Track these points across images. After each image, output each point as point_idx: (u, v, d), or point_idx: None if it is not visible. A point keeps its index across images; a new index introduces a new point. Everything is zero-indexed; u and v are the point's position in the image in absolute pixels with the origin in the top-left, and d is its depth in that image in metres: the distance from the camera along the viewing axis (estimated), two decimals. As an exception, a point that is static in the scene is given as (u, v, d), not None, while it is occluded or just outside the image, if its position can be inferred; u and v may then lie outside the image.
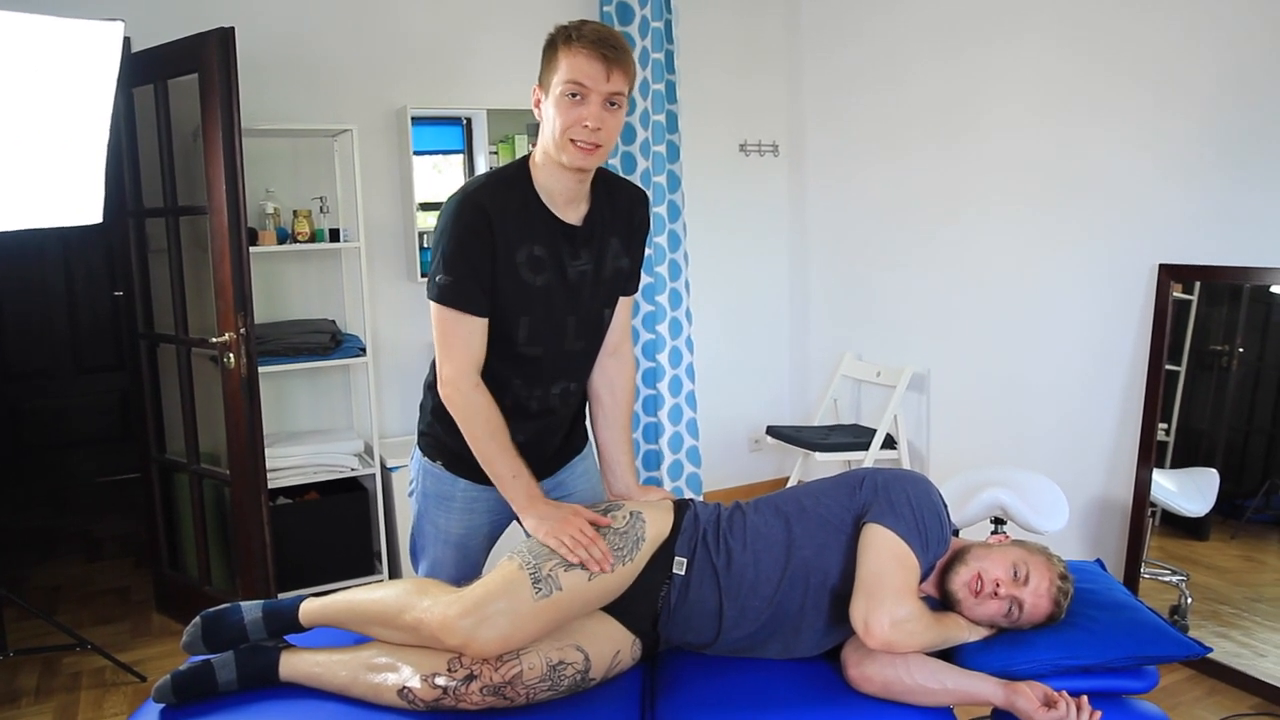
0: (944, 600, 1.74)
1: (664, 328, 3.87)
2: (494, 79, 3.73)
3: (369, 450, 3.49)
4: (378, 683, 1.60)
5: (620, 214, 1.82)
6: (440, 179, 3.74)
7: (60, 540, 4.20)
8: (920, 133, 3.68)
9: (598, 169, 1.75)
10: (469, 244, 1.65)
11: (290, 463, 3.26)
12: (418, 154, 3.58)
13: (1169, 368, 2.86)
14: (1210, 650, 1.72)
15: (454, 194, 1.69)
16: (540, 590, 1.58)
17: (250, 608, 1.73)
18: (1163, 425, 2.88)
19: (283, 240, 3.29)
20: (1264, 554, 2.70)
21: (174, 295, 3.07)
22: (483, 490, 1.86)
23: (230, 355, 2.87)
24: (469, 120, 3.75)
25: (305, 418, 3.57)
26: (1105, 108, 2.98)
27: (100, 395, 4.98)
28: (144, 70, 2.97)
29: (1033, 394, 3.32)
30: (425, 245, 3.56)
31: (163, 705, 1.63)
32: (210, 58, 2.78)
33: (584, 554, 1.62)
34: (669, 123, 3.87)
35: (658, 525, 1.74)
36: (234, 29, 2.78)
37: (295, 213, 3.31)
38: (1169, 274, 2.84)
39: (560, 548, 1.63)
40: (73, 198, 2.21)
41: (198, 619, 1.72)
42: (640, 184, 3.62)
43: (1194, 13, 2.71)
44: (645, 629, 1.72)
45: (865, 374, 3.98)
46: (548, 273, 1.72)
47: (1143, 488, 2.90)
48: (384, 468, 3.43)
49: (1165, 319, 2.84)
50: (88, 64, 2.12)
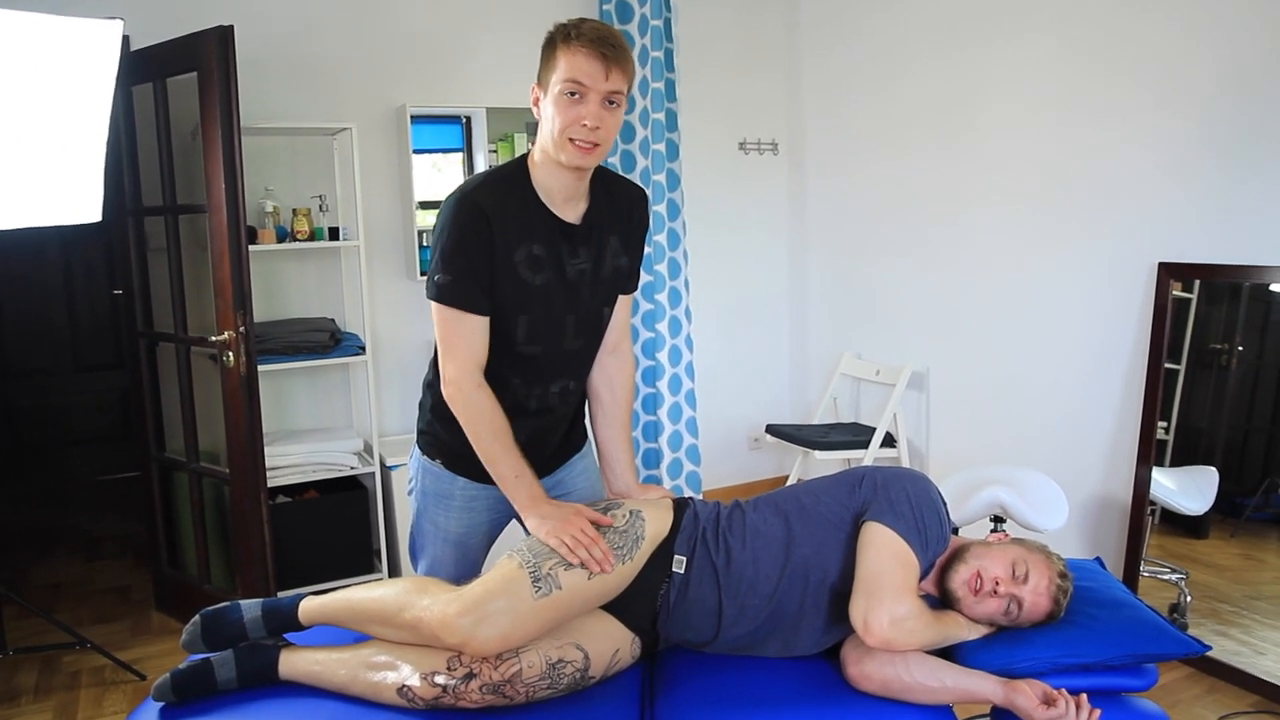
0: (943, 598, 1.74)
1: (663, 326, 3.87)
2: (493, 77, 3.73)
3: (368, 449, 3.49)
4: (377, 681, 1.60)
5: (619, 212, 1.82)
6: (440, 177, 3.74)
7: (60, 539, 4.20)
8: (920, 131, 3.68)
9: (597, 167, 1.75)
10: (468, 243, 1.65)
11: (289, 461, 3.27)
12: (417, 152, 3.58)
13: (1168, 366, 2.86)
14: (1209, 648, 1.72)
15: (452, 193, 1.69)
16: (540, 589, 1.58)
17: (249, 606, 1.73)
18: (1162, 423, 2.88)
19: (282, 239, 3.29)
20: (1263, 552, 2.70)
21: (173, 294, 3.07)
22: (482, 489, 1.86)
23: (230, 354, 2.87)
24: (468, 119, 3.74)
25: (304, 416, 3.58)
26: (1105, 106, 2.98)
27: (100, 394, 4.98)
28: (143, 69, 2.97)
29: (1032, 392, 3.32)
30: (425, 244, 3.56)
31: (162, 704, 1.64)
32: (209, 56, 2.78)
33: (584, 554, 1.62)
34: (668, 121, 3.87)
35: (657, 524, 1.74)
36: (233, 27, 2.78)
37: (294, 211, 3.32)
38: (1168, 272, 2.84)
39: (560, 547, 1.63)
40: (72, 196, 2.21)
41: (197, 618, 1.72)
42: (639, 182, 3.61)
43: (1193, 12, 2.71)
44: (644, 627, 1.72)
45: (865, 372, 3.98)
46: (546, 271, 1.71)
47: (1142, 486, 2.90)
48: (383, 466, 3.43)
49: (1165, 317, 2.84)
50: (87, 62, 2.11)
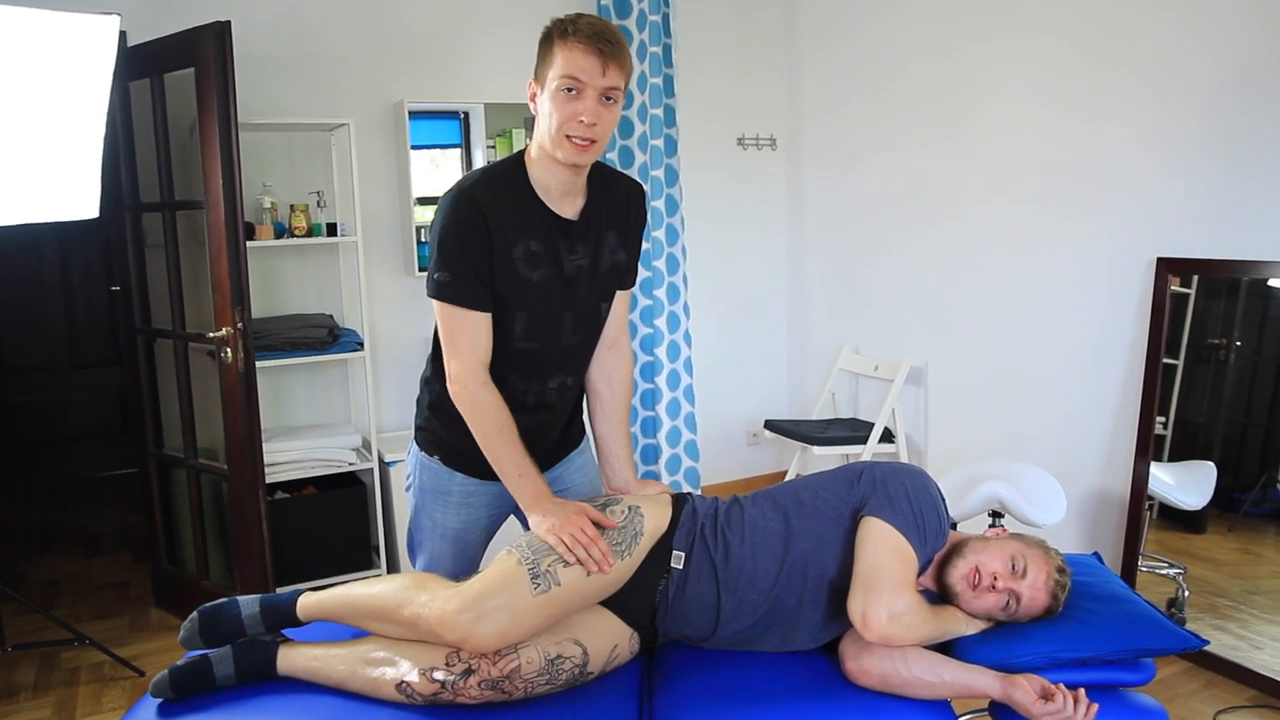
0: (942, 593, 1.74)
1: (662, 322, 3.87)
2: (492, 73, 3.72)
3: (367, 445, 3.49)
4: (375, 677, 1.60)
5: (617, 208, 1.81)
6: (438, 173, 3.73)
7: (58, 535, 4.20)
8: (919, 126, 3.68)
9: (594, 162, 1.74)
10: (466, 240, 1.64)
11: (288, 457, 3.27)
12: (415, 148, 3.58)
13: (1167, 361, 2.86)
14: (1207, 643, 1.72)
15: (449, 190, 1.68)
16: (539, 586, 1.58)
17: (248, 602, 1.73)
18: (1160, 418, 2.89)
19: (280, 235, 3.28)
20: (1261, 547, 2.71)
21: (171, 290, 3.07)
22: (480, 484, 1.86)
23: (228, 350, 2.87)
24: (466, 114, 3.74)
25: (303, 412, 3.57)
26: (1103, 101, 2.97)
27: (98, 390, 4.98)
28: (140, 64, 2.96)
29: (1030, 387, 3.32)
30: (423, 239, 3.55)
31: (160, 700, 1.64)
32: (207, 52, 2.77)
33: (582, 554, 1.62)
34: (667, 117, 3.86)
35: (656, 520, 1.74)
36: (230, 23, 2.77)
37: (292, 207, 3.31)
38: (1167, 267, 2.84)
39: (559, 545, 1.63)
40: (69, 192, 2.21)
41: (195, 614, 1.72)
42: (638, 178, 3.61)
43: (1192, 7, 2.71)
44: (643, 623, 1.72)
45: (863, 368, 3.98)
46: (544, 268, 1.71)
47: (1140, 481, 2.91)
48: (382, 462, 3.43)
49: (1163, 312, 2.84)
50: (84, 58, 2.11)
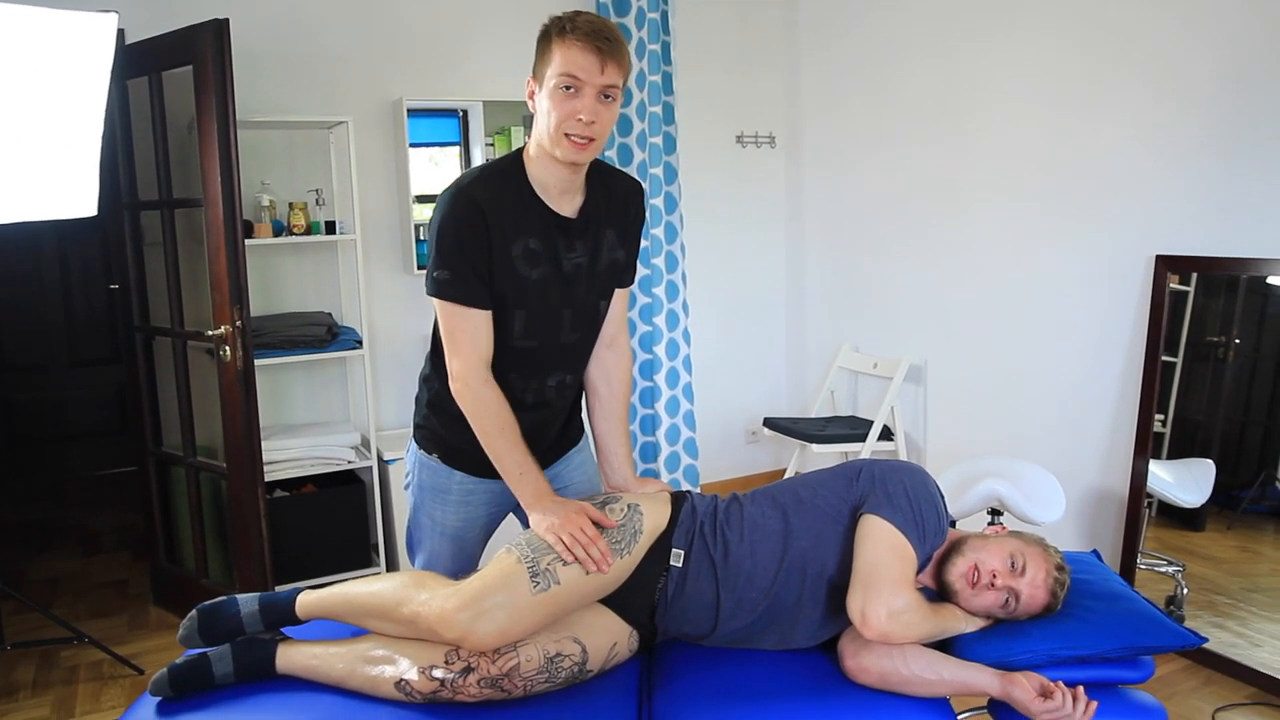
0: (941, 591, 1.74)
1: (661, 320, 3.87)
2: (490, 71, 3.72)
3: (366, 443, 3.49)
4: (375, 675, 1.60)
5: (616, 206, 1.81)
6: (437, 171, 3.73)
7: (57, 534, 4.20)
8: (918, 125, 3.68)
9: (593, 160, 1.74)
10: (465, 238, 1.64)
11: (287, 455, 3.26)
12: (414, 146, 3.57)
13: (1165, 359, 2.86)
14: (1206, 640, 1.73)
15: (447, 187, 1.68)
16: (538, 584, 1.58)
17: (246, 600, 1.73)
18: (1159, 416, 2.89)
19: (278, 233, 3.28)
20: (1259, 544, 2.71)
21: (169, 288, 3.06)
22: (479, 482, 1.86)
23: (226, 348, 2.87)
24: (465, 112, 3.74)
25: (302, 410, 3.57)
26: (1102, 99, 2.97)
27: (96, 388, 4.98)
28: (138, 62, 2.96)
29: (1029, 385, 3.32)
30: (421, 237, 3.55)
31: (159, 698, 1.63)
32: (205, 49, 2.77)
33: (581, 553, 1.62)
34: (665, 114, 3.86)
35: (655, 518, 1.74)
36: (228, 20, 2.76)
37: (291, 205, 3.31)
38: (1166, 265, 2.83)
39: (558, 544, 1.63)
40: (67, 190, 2.20)
41: (194, 612, 1.72)
42: (637, 175, 3.61)
43: (1192, 7, 2.70)
44: (642, 621, 1.72)
45: (862, 365, 3.98)
46: (543, 266, 1.71)
47: (1139, 479, 2.91)
48: (381, 460, 3.43)
49: (1162, 310, 2.84)
50: (81, 56, 2.11)
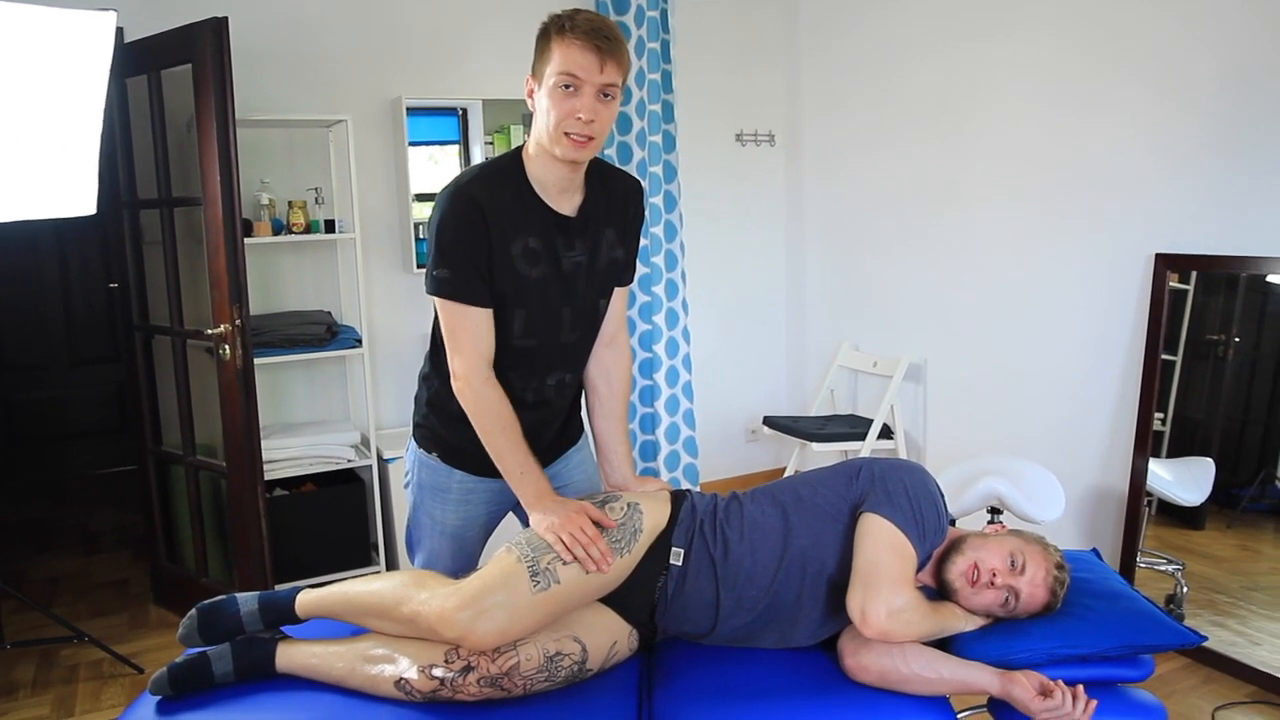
0: (941, 590, 1.74)
1: (660, 318, 3.87)
2: (490, 69, 3.71)
3: (365, 441, 3.49)
4: (375, 674, 1.60)
5: (615, 204, 1.81)
6: (436, 170, 3.73)
7: (57, 533, 4.20)
8: (918, 123, 3.67)
9: (592, 159, 1.74)
10: (464, 236, 1.64)
11: (286, 454, 3.26)
12: (413, 145, 3.57)
13: (1165, 357, 2.86)
14: (1205, 639, 1.72)
15: (446, 186, 1.68)
16: (538, 583, 1.58)
17: (246, 599, 1.73)
18: (1159, 415, 2.89)
19: (278, 231, 3.28)
20: (1259, 543, 2.71)
21: (169, 287, 3.06)
22: (479, 481, 1.85)
23: (226, 347, 2.87)
24: (464, 111, 3.73)
25: (301, 409, 3.57)
26: (1102, 98, 2.97)
27: (96, 387, 4.97)
28: (137, 60, 2.96)
29: (1029, 384, 3.32)
30: (421, 236, 3.55)
31: (159, 697, 1.63)
32: (204, 48, 2.76)
33: (581, 553, 1.62)
34: (665, 113, 3.86)
35: (655, 516, 1.74)
36: (227, 19, 2.76)
37: (290, 204, 3.31)
38: (1165, 263, 2.83)
39: (557, 544, 1.63)
40: (66, 189, 2.21)
41: (194, 611, 1.72)
42: (636, 174, 3.61)
43: (1191, 6, 2.70)
44: (642, 620, 1.72)
45: (862, 364, 3.98)
46: (543, 264, 1.70)
47: (1139, 477, 2.91)
48: (380, 459, 3.42)
49: (1161, 308, 2.84)
50: (80, 54, 2.11)
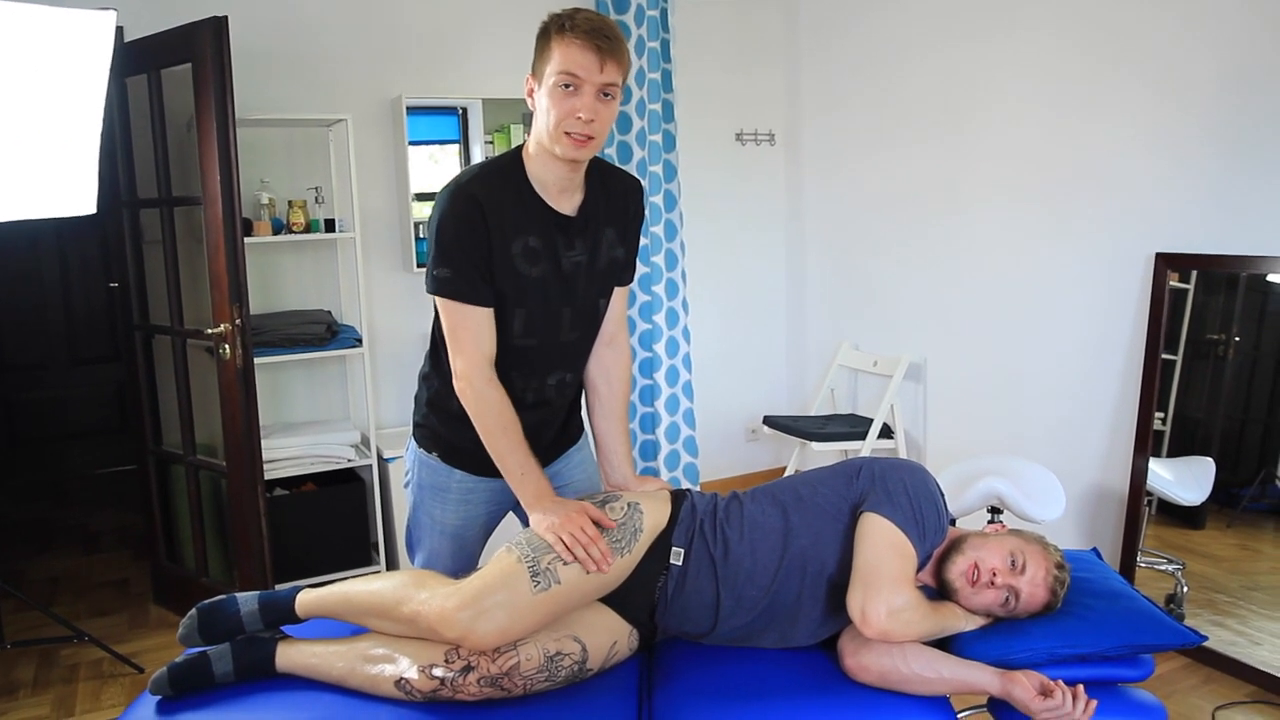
0: (941, 589, 1.74)
1: (660, 318, 3.87)
2: (490, 68, 3.71)
3: (365, 441, 3.49)
4: (375, 674, 1.60)
5: (615, 204, 1.81)
6: (436, 169, 3.73)
7: (57, 532, 4.20)
8: (918, 123, 3.67)
9: (592, 158, 1.74)
10: (464, 235, 1.64)
11: (287, 454, 3.26)
12: (413, 144, 3.57)
13: (1165, 357, 2.86)
14: (1205, 639, 1.72)
15: (446, 185, 1.68)
16: (539, 583, 1.58)
17: (246, 599, 1.73)
18: (1159, 414, 2.89)
19: (278, 231, 3.28)
20: (1259, 543, 2.71)
21: (169, 286, 3.06)
22: (479, 481, 1.85)
23: (226, 346, 2.87)
24: (464, 110, 3.73)
25: (301, 409, 3.57)
26: (1102, 98, 2.97)
27: (96, 387, 4.97)
28: (137, 60, 2.96)
29: (1029, 383, 3.32)
30: (421, 235, 3.55)
31: (159, 697, 1.63)
32: (204, 47, 2.76)
33: (581, 553, 1.62)
34: (665, 112, 3.85)
35: (655, 516, 1.74)
36: (227, 18, 2.76)
37: (290, 203, 3.30)
38: (1165, 263, 2.83)
39: (558, 544, 1.63)
40: (66, 188, 2.20)
41: (194, 611, 1.72)
42: (636, 173, 3.61)
43: (1191, 6, 2.70)
44: (642, 619, 1.72)
45: (862, 363, 3.98)
46: (543, 264, 1.70)
47: (1139, 476, 2.91)
48: (380, 458, 3.42)
49: (1162, 308, 2.84)
50: (80, 54, 2.10)
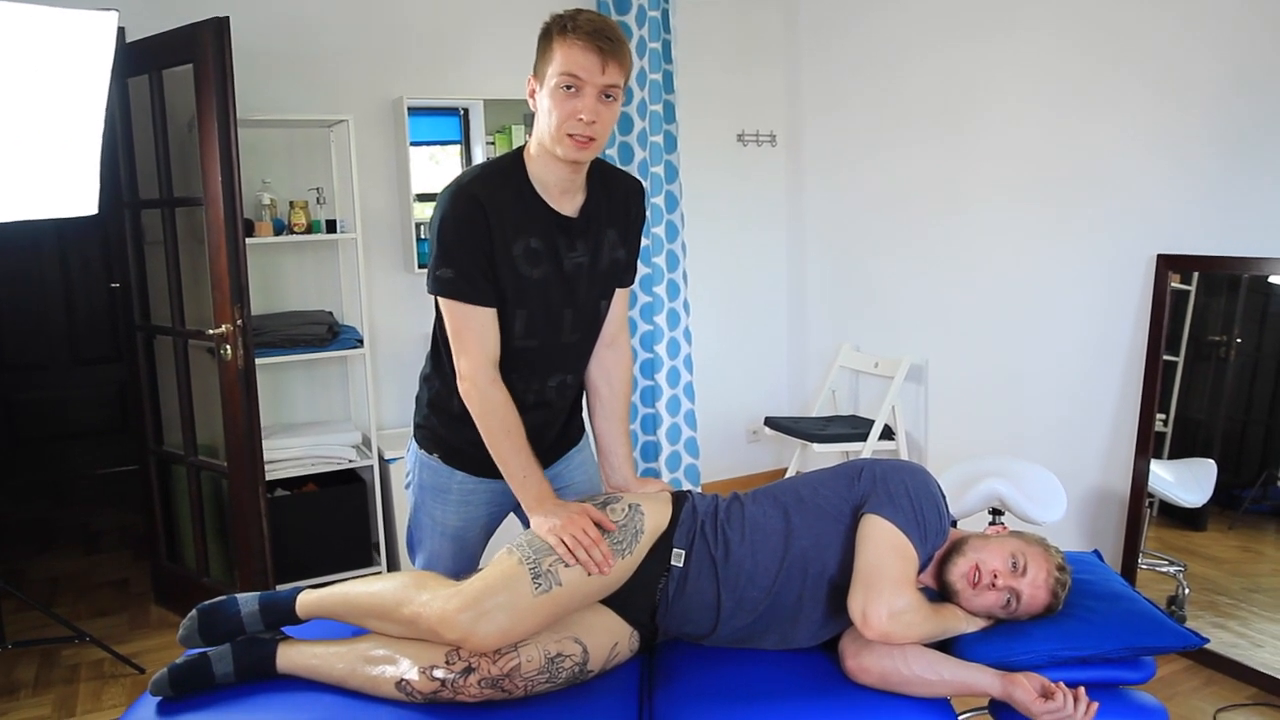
0: (942, 591, 1.74)
1: (662, 319, 3.87)
2: (491, 69, 3.72)
3: (366, 442, 3.49)
4: (375, 675, 1.60)
5: (617, 205, 1.81)
6: (437, 170, 3.73)
7: (59, 533, 4.20)
8: (919, 123, 3.67)
9: (594, 159, 1.74)
10: (466, 235, 1.64)
11: (288, 454, 3.26)
12: (414, 145, 3.57)
13: (1167, 358, 2.86)
14: (1207, 641, 1.72)
15: (448, 185, 1.67)
16: (540, 585, 1.58)
17: (246, 600, 1.73)
18: (1160, 416, 2.88)
19: (279, 231, 3.28)
20: (1261, 544, 2.70)
21: (170, 287, 3.06)
22: (479, 482, 1.85)
23: (227, 347, 2.87)
24: (466, 111, 3.73)
25: (302, 409, 3.57)
26: (1103, 99, 2.97)
27: (97, 387, 4.98)
28: (138, 60, 2.96)
29: (1031, 385, 3.32)
30: (422, 236, 3.55)
31: (160, 698, 1.63)
32: (205, 48, 2.76)
33: (583, 555, 1.62)
34: (666, 113, 3.86)
35: (656, 517, 1.74)
36: (229, 18, 2.76)
37: (291, 204, 3.30)
38: (1167, 264, 2.83)
39: (559, 547, 1.63)
40: (68, 189, 2.21)
41: (194, 612, 1.72)
42: (637, 174, 3.61)
43: (1191, 5, 2.70)
44: (643, 621, 1.72)
45: (863, 365, 3.98)
46: (544, 265, 1.70)
47: (1140, 478, 2.90)
48: (381, 459, 3.42)
49: (1163, 309, 2.84)
50: (82, 54, 2.11)
